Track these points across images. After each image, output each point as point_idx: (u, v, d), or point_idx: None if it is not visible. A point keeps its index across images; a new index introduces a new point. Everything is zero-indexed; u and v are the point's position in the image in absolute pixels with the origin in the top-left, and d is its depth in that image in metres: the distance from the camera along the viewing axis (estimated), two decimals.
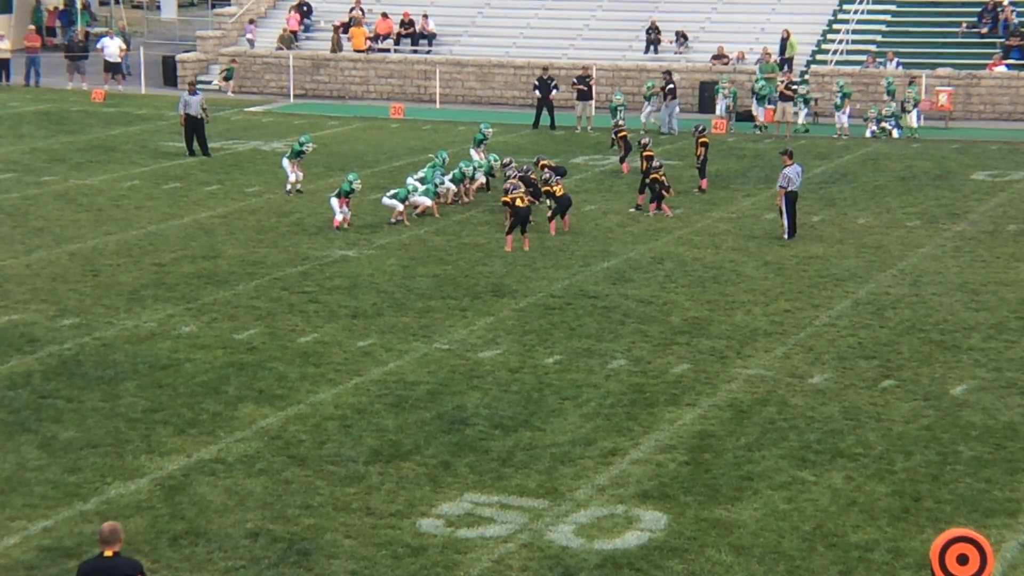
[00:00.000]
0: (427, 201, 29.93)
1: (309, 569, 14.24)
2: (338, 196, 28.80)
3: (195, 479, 16.36)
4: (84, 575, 11.62)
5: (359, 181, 29.10)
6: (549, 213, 28.58)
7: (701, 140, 32.45)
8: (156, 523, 15.19)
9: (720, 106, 43.00)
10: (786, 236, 28.11)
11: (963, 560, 12.40)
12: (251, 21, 51.62)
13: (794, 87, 41.51)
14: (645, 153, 30.97)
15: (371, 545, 14.75)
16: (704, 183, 32.77)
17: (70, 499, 15.79)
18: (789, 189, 28.03)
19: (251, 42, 50.92)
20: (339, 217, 28.63)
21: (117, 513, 15.34)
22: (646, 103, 41.91)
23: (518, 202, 27.21)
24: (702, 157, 32.47)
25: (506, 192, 27.97)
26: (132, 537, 14.72)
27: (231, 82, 49.36)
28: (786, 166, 28.13)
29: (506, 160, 31.44)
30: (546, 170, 29.52)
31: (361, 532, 15.04)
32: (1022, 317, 23.06)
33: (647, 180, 30.35)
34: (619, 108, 39.45)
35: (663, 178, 30.33)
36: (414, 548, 14.69)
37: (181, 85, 49.68)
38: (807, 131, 41.20)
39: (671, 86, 41.46)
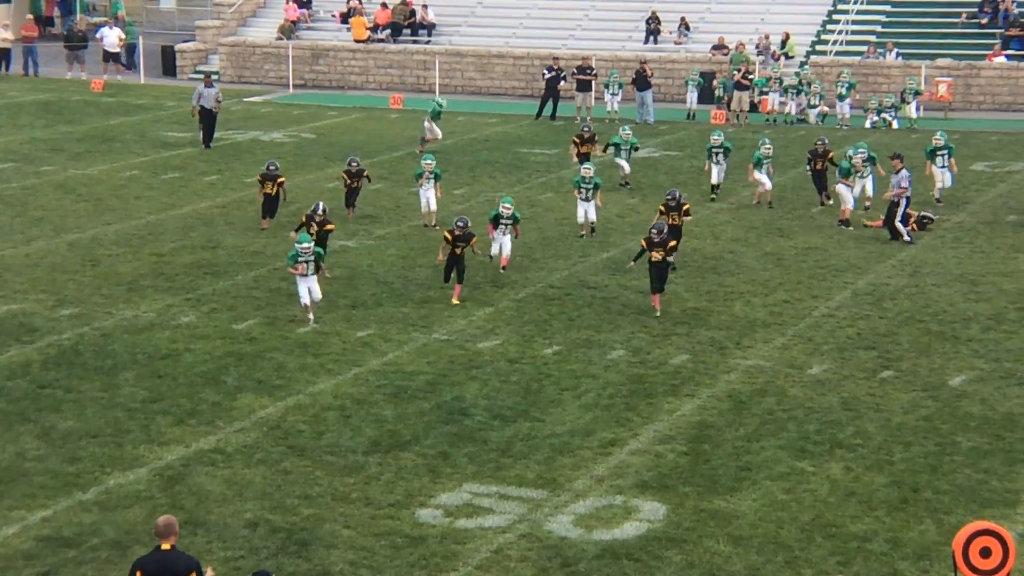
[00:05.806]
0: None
1: (308, 559, 14.26)
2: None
3: (194, 469, 16.37)
4: (142, 567, 11.63)
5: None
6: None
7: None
8: (155, 513, 15.13)
9: (690, 97, 42.73)
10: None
11: (986, 553, 12.35)
12: None
13: (749, 76, 41.91)
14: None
15: (370, 535, 14.76)
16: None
17: (69, 489, 15.79)
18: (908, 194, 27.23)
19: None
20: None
21: (116, 503, 15.37)
22: (607, 92, 41.97)
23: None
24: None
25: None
26: (131, 527, 14.75)
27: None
28: (897, 171, 27.31)
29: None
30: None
31: (360, 522, 15.05)
32: (1021, 308, 23.05)
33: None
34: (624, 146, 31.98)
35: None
36: (413, 538, 14.70)
37: (180, 75, 49.71)
38: (800, 121, 41.23)
39: (648, 76, 41.68)
